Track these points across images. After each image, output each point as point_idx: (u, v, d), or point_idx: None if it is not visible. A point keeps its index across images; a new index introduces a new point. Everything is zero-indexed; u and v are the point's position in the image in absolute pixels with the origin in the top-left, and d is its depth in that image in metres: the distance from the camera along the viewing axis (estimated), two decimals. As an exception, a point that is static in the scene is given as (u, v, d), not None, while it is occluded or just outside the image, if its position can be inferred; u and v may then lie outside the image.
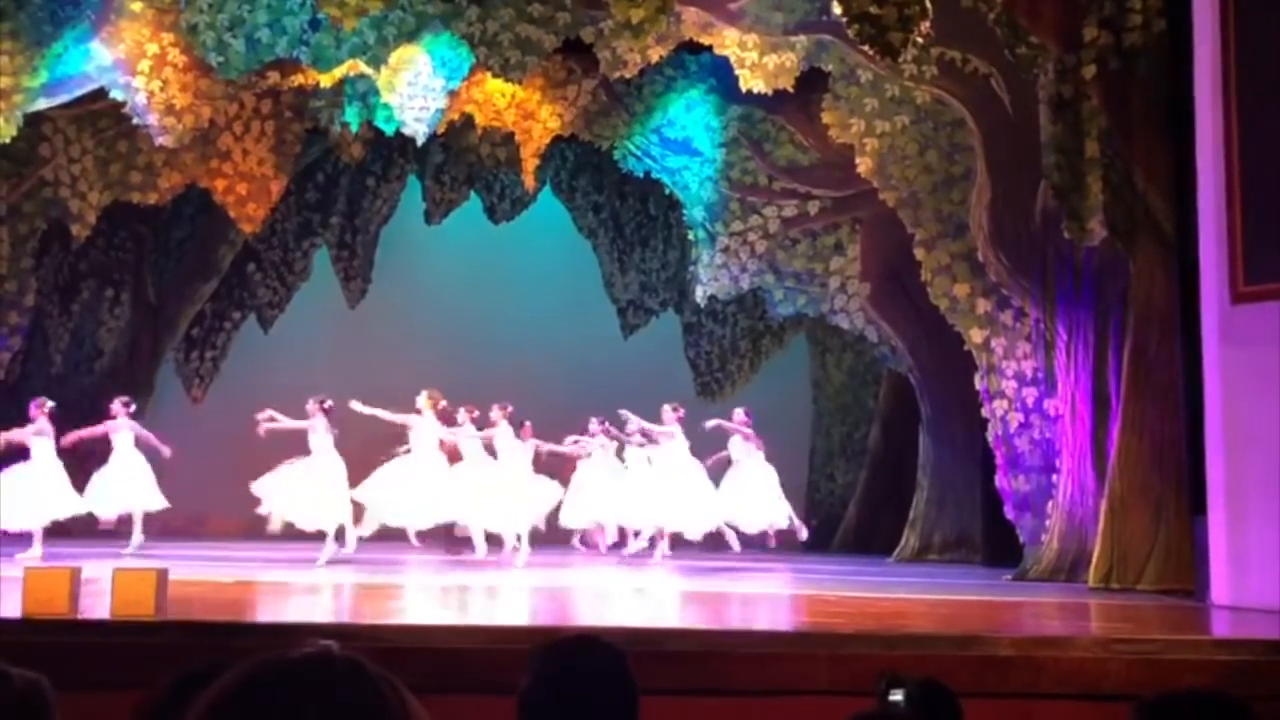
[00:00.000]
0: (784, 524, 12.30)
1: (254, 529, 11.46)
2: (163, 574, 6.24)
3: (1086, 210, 10.33)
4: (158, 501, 11.77)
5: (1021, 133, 11.04)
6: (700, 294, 14.17)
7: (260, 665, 0.95)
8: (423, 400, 11.29)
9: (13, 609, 6.05)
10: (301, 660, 0.95)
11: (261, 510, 10.72)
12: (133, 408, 12.03)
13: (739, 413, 12.44)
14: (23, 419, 12.74)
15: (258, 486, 10.57)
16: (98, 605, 6.14)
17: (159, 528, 12.34)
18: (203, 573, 9.36)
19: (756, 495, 12.19)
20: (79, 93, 12.07)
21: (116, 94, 11.80)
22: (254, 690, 0.93)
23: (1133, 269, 10.24)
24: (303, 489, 10.54)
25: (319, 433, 10.78)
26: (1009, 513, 11.50)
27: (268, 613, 7.49)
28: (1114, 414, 10.44)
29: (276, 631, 5.87)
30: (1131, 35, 10.06)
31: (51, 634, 5.64)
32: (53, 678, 1.86)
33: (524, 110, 13.54)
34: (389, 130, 12.93)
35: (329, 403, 10.90)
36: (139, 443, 11.73)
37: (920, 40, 9.28)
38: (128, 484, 11.53)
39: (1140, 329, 10.20)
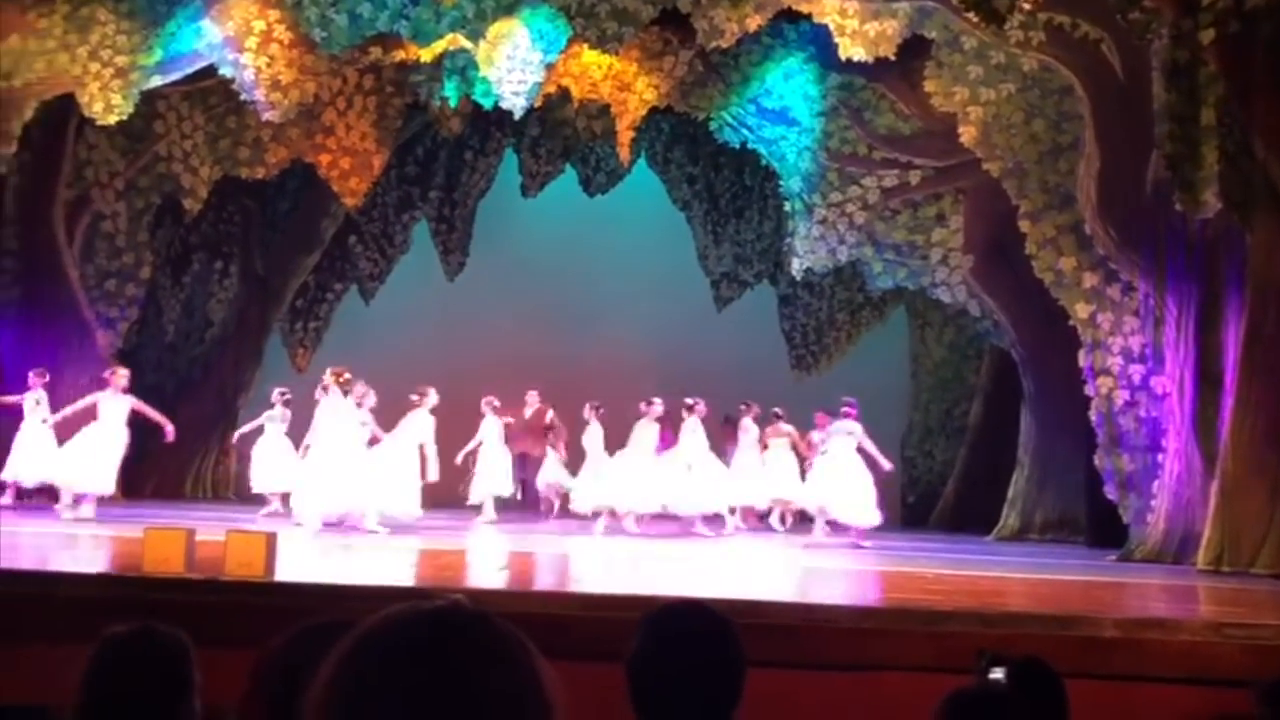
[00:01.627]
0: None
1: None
2: (272, 538, 6.45)
3: (1200, 181, 9.95)
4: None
5: (1133, 100, 10.67)
6: (796, 266, 13.99)
7: (396, 614, 0.98)
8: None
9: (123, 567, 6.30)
10: (434, 611, 0.98)
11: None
12: (46, 378, 11.63)
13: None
14: (138, 385, 13.12)
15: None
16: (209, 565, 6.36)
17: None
18: (305, 536, 9.63)
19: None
20: (190, 70, 12.44)
21: (225, 70, 12.11)
22: (391, 636, 0.96)
23: (1250, 242, 9.86)
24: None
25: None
26: (1109, 492, 11.22)
27: (372, 576, 7.69)
28: (1226, 392, 10.09)
29: (381, 594, 6.02)
30: (1254, -4, 9.63)
31: (167, 591, 5.86)
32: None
33: (620, 82, 13.52)
34: (487, 104, 13.02)
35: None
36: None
37: (1027, 5, 9.03)
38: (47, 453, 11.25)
39: (1257, 305, 9.82)
